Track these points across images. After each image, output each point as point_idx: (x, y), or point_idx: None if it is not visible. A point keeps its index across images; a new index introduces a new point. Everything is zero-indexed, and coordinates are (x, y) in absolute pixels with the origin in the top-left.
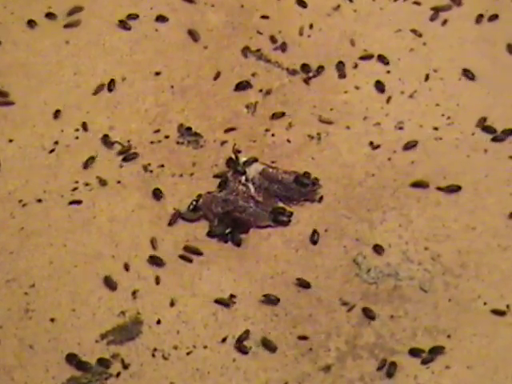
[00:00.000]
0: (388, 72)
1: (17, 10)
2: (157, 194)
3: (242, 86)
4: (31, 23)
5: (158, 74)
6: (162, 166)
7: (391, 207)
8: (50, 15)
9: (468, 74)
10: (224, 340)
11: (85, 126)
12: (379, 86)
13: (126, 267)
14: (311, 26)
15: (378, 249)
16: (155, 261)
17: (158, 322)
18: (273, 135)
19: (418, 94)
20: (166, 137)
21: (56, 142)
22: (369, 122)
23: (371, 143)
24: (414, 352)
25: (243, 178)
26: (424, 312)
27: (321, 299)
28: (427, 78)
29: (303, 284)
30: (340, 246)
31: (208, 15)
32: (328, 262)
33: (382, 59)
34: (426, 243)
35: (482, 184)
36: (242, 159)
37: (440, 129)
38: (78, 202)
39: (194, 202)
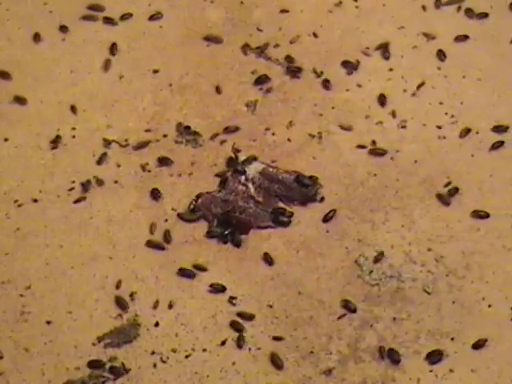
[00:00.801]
0: (391, 70)
1: (12, 7)
2: (155, 194)
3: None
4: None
5: (156, 71)
6: (161, 165)
7: (394, 207)
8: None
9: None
10: (223, 343)
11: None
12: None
13: (124, 269)
14: (312, 23)
15: (378, 257)
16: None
17: (156, 324)
18: (273, 134)
19: (421, 92)
20: (165, 136)
21: (52, 141)
22: (371, 121)
23: (373, 142)
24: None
25: (243, 177)
26: (427, 314)
27: (322, 301)
28: (421, 85)
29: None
30: (342, 246)
31: (207, 12)
32: (329, 264)
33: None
34: (429, 244)
35: (487, 184)
36: (242, 158)
37: (444, 127)
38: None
39: (193, 203)
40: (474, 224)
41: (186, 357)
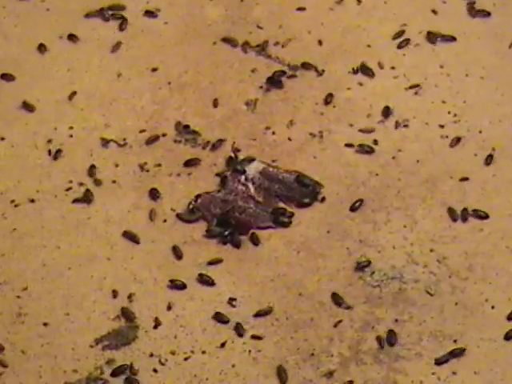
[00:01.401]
0: (393, 68)
1: (8, 4)
2: (153, 194)
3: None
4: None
5: (154, 70)
6: (159, 165)
7: (396, 208)
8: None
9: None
10: (223, 345)
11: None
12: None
13: (122, 270)
14: (313, 21)
15: (364, 263)
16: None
17: (155, 326)
18: (273, 133)
19: (424, 91)
20: (163, 135)
21: (49, 141)
22: (372, 120)
23: (375, 141)
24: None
25: (243, 177)
26: (429, 316)
27: (323, 303)
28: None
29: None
30: (343, 247)
31: (207, 9)
32: (330, 265)
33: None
34: (431, 245)
35: (490, 184)
36: (241, 158)
37: (446, 126)
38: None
39: (192, 203)
40: (477, 224)
41: (185, 359)
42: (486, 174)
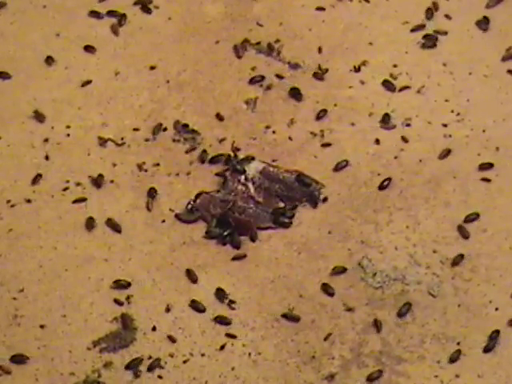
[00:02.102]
0: (395, 66)
1: (4, 1)
2: (152, 195)
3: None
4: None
5: (153, 68)
6: (158, 164)
7: (398, 208)
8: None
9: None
10: (222, 347)
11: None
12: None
13: (120, 271)
14: (314, 18)
15: (339, 270)
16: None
17: (153, 328)
18: (274, 132)
19: (427, 89)
20: (162, 133)
21: (46, 140)
22: (374, 119)
23: (377, 141)
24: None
25: (242, 177)
26: (432, 318)
27: (324, 304)
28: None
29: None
30: (344, 248)
31: (206, 6)
32: (332, 266)
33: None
34: (434, 246)
35: (494, 183)
36: (241, 157)
37: (449, 126)
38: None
39: (191, 203)
40: (480, 225)
41: (184, 362)
42: (490, 174)
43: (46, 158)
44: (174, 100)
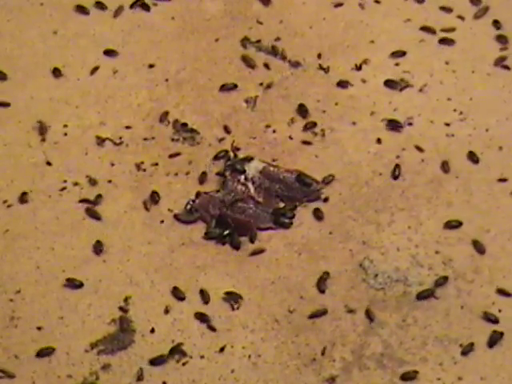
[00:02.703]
0: (396, 64)
1: None
2: (153, 197)
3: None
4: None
5: (151, 66)
6: (156, 164)
7: (400, 208)
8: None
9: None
10: (222, 350)
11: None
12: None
13: (118, 272)
14: (315, 16)
15: (324, 276)
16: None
17: (152, 330)
18: (274, 131)
19: (429, 88)
20: (161, 133)
21: (43, 139)
22: (376, 118)
23: (379, 140)
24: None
25: (242, 177)
26: (435, 320)
27: (325, 306)
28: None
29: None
30: (345, 249)
31: (205, 4)
32: (333, 267)
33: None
34: (436, 246)
35: (497, 183)
36: (240, 157)
37: (452, 125)
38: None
39: (190, 203)
40: (483, 225)
41: (183, 364)
42: (494, 174)
43: (43, 157)
44: (173, 99)
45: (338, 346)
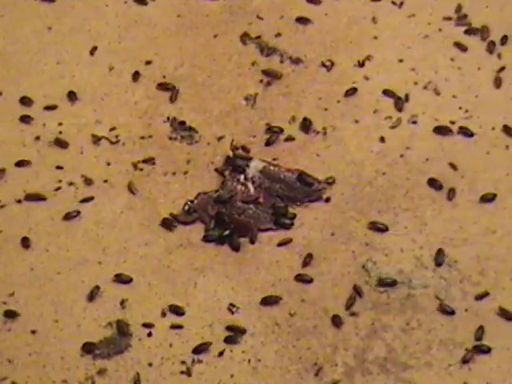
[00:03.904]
0: (400, 61)
1: None
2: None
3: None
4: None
5: (148, 62)
6: (154, 163)
7: (404, 208)
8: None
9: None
10: (221, 354)
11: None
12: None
13: (114, 274)
14: (317, 11)
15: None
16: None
17: (149, 334)
18: (274, 130)
19: (434, 85)
20: (158, 132)
21: (37, 138)
22: (379, 116)
23: (382, 138)
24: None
25: (242, 176)
26: (439, 323)
27: (327, 309)
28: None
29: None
30: (348, 250)
31: None
32: (335, 269)
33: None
34: (441, 248)
35: (503, 183)
36: (240, 156)
37: (457, 123)
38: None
39: (189, 203)
40: (489, 226)
41: (181, 370)
42: (500, 173)
43: (37, 157)
44: (171, 96)
45: (340, 350)
